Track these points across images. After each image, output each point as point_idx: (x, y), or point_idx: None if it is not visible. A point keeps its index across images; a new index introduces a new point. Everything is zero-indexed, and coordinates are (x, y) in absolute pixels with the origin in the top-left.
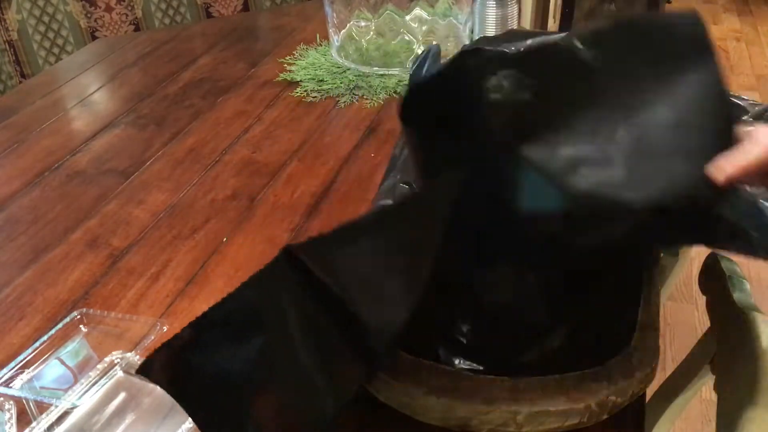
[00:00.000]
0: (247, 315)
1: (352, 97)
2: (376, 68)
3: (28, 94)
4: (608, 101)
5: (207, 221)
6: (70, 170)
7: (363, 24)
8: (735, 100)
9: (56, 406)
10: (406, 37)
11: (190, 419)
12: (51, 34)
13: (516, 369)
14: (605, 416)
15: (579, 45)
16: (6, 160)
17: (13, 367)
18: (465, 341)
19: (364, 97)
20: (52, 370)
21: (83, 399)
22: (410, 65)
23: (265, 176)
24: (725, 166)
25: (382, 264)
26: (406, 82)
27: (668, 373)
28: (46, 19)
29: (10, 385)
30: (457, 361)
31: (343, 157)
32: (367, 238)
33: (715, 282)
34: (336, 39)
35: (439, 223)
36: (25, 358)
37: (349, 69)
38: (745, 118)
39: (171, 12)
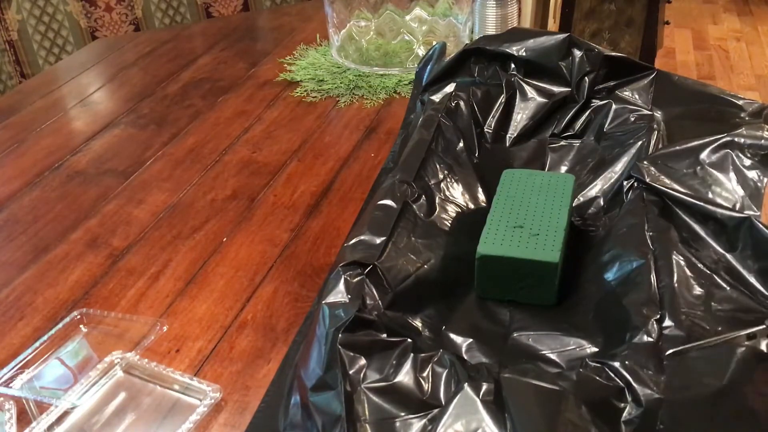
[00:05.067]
0: None
1: (352, 97)
2: (376, 68)
3: (28, 94)
4: None
5: (207, 221)
6: (70, 170)
7: (363, 24)
8: (733, 100)
9: (56, 406)
10: (406, 37)
11: (190, 419)
12: (51, 34)
13: None
14: None
15: None
16: (6, 160)
17: (13, 367)
18: None
19: (364, 97)
20: (52, 370)
21: (83, 399)
22: (410, 65)
23: (265, 176)
24: None
25: None
26: (409, 81)
27: None
28: (46, 19)
29: (10, 385)
30: None
31: (343, 157)
32: None
33: None
34: (336, 39)
35: None
36: (25, 358)
37: (349, 69)
38: (742, 115)
39: (171, 12)
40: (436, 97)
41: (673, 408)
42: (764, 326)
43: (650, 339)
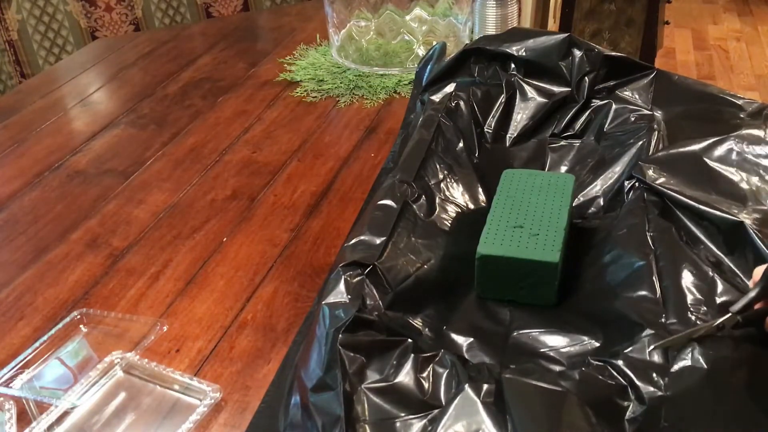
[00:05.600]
0: None
1: (352, 97)
2: (376, 68)
3: (28, 94)
4: None
5: (207, 221)
6: (70, 170)
7: (363, 24)
8: (733, 100)
9: (56, 406)
10: (406, 37)
11: (190, 419)
12: (51, 34)
13: None
14: None
15: None
16: (6, 160)
17: (13, 367)
18: None
19: (364, 97)
20: (52, 370)
21: (83, 399)
22: (410, 65)
23: (265, 176)
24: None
25: None
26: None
27: None
28: (46, 19)
29: (10, 385)
30: None
31: (343, 157)
32: None
33: None
34: (336, 39)
35: None
36: (25, 358)
37: (349, 69)
38: (742, 115)
39: (171, 12)
40: (436, 97)
41: (677, 405)
42: (729, 314)
43: (652, 338)
